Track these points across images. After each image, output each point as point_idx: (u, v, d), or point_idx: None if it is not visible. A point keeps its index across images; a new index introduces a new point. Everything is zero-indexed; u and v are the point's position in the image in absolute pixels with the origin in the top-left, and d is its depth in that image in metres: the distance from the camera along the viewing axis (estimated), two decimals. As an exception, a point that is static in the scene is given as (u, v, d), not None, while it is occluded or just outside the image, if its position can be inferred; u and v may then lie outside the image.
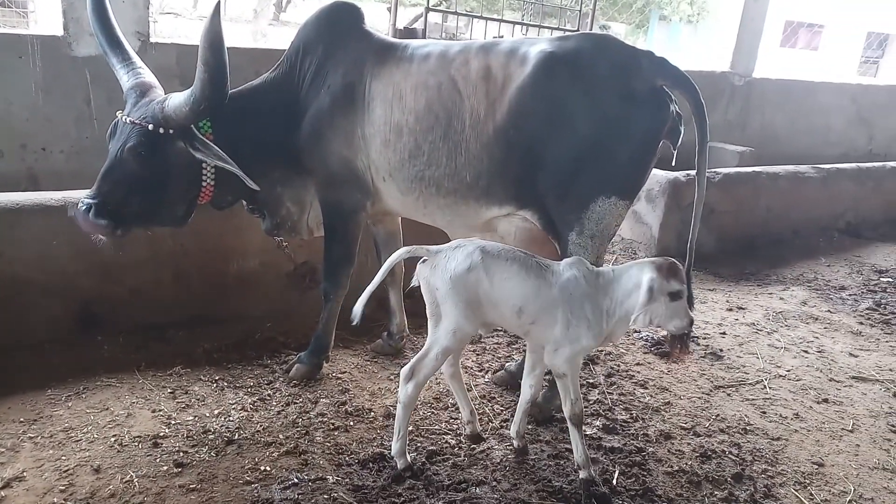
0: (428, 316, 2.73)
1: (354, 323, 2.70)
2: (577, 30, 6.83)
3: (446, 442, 3.10)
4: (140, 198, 3.11)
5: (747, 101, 8.19)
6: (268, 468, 2.82)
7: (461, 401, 3.07)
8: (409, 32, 5.39)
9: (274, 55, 3.76)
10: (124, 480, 2.66)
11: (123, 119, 3.08)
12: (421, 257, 2.73)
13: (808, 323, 4.75)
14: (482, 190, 3.15)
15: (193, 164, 3.15)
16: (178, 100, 3.00)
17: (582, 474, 2.81)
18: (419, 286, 2.75)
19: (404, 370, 2.78)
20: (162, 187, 3.16)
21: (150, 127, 3.03)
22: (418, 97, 3.17)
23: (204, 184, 3.25)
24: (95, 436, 2.92)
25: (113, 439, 2.90)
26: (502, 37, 7.60)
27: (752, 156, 7.24)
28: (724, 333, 4.48)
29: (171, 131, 3.05)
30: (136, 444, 2.89)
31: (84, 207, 3.00)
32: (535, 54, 2.99)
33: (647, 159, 3.06)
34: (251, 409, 3.22)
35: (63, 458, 2.76)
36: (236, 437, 3.00)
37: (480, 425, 3.22)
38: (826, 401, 3.72)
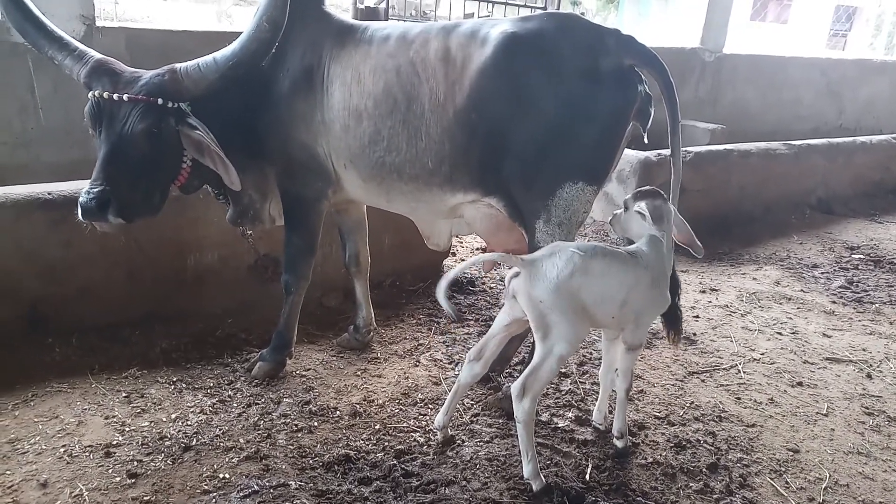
0: (533, 329, 2.58)
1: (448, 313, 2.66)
2: (545, 6, 6.68)
3: (415, 440, 2.99)
4: (146, 184, 2.91)
5: (718, 76, 8.12)
6: (227, 475, 2.69)
7: (450, 404, 2.96)
8: (370, 12, 5.21)
9: (230, 38, 3.58)
10: (73, 495, 2.52)
11: (115, 97, 2.78)
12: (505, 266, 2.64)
13: (781, 303, 4.71)
14: (445, 176, 3.03)
15: (178, 143, 2.94)
16: (210, 63, 2.84)
17: (619, 444, 2.97)
18: (512, 298, 2.63)
19: (515, 387, 2.61)
20: (158, 170, 2.95)
21: (160, 101, 2.81)
22: (377, 80, 3.03)
23: (184, 165, 3.04)
24: (43, 447, 2.77)
25: (62, 450, 2.75)
26: (471, 14, 7.44)
27: (723, 133, 7.18)
28: (697, 317, 4.42)
29: (170, 105, 2.84)
30: (87, 454, 2.75)
31: (96, 202, 2.71)
32: (496, 35, 2.85)
33: (615, 142, 2.94)
34: (210, 411, 3.09)
35: (7, 472, 2.61)
36: (194, 442, 2.87)
37: (449, 420, 3.13)
38: (800, 384, 3.67)
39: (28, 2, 2.90)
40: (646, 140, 3.07)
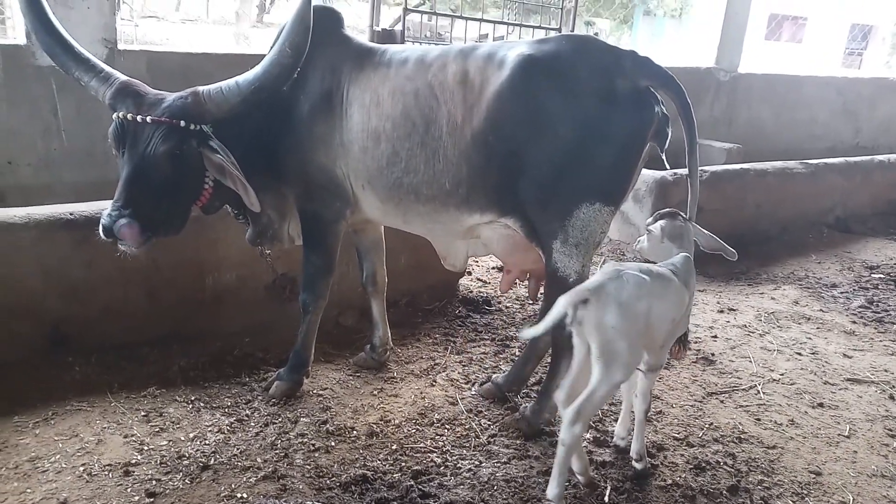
0: (596, 356, 2.50)
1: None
2: (560, 27, 6.73)
3: (432, 461, 2.98)
4: (167, 204, 2.95)
5: (733, 96, 8.13)
6: (244, 495, 2.69)
7: (579, 461, 2.84)
8: (387, 34, 5.27)
9: (249, 61, 3.64)
10: (92, 513, 2.54)
11: (138, 118, 2.83)
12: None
13: (800, 323, 4.67)
14: (462, 197, 3.04)
15: (200, 165, 2.99)
16: (233, 86, 2.87)
17: (638, 466, 2.95)
18: (577, 328, 2.52)
19: (570, 412, 2.55)
20: (180, 190, 3.00)
21: (182, 123, 2.85)
22: (395, 103, 3.05)
23: (206, 186, 3.08)
24: (63, 465, 2.78)
25: (82, 468, 2.76)
26: (486, 35, 7.50)
27: (739, 152, 7.18)
28: (715, 337, 4.39)
29: (192, 127, 2.88)
30: (107, 472, 2.76)
31: (125, 221, 2.74)
32: (513, 58, 2.88)
33: (632, 163, 2.95)
34: (228, 430, 3.09)
35: (28, 490, 2.62)
36: (212, 461, 2.87)
37: (466, 441, 3.13)
38: (821, 405, 3.63)
39: (58, 25, 2.96)
40: (665, 160, 3.08)
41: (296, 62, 2.88)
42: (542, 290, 3.39)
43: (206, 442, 3.00)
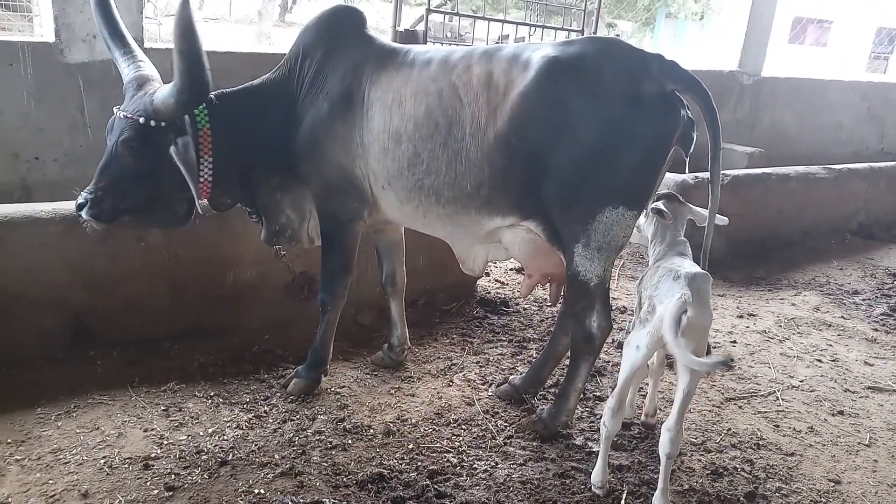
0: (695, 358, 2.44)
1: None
2: (582, 29, 6.71)
3: (448, 461, 2.99)
4: (137, 192, 3.08)
5: (756, 100, 8.05)
6: (262, 491, 2.71)
7: (603, 458, 2.88)
8: (409, 35, 5.28)
9: (271, 60, 3.67)
10: (112, 506, 2.57)
11: (119, 114, 3.05)
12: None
13: (821, 330, 4.62)
14: (483, 199, 3.04)
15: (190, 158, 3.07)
16: (163, 92, 2.97)
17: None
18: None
19: (672, 425, 2.61)
20: (158, 182, 3.10)
21: (142, 120, 2.98)
22: (418, 104, 3.06)
23: (201, 179, 3.16)
24: (85, 458, 2.82)
25: (103, 461, 2.80)
26: (507, 36, 7.50)
27: (761, 156, 7.12)
28: (734, 342, 4.36)
29: (162, 124, 2.99)
30: (127, 466, 2.79)
31: (80, 201, 2.99)
32: (538, 60, 2.87)
33: (656, 167, 2.93)
34: (246, 426, 3.12)
35: (50, 481, 2.66)
36: (230, 457, 2.90)
37: (482, 441, 3.13)
38: (841, 413, 3.60)
39: (114, 10, 3.18)
40: (687, 168, 3.06)
41: (190, 67, 2.82)
42: (562, 294, 3.39)
43: (225, 437, 3.03)
